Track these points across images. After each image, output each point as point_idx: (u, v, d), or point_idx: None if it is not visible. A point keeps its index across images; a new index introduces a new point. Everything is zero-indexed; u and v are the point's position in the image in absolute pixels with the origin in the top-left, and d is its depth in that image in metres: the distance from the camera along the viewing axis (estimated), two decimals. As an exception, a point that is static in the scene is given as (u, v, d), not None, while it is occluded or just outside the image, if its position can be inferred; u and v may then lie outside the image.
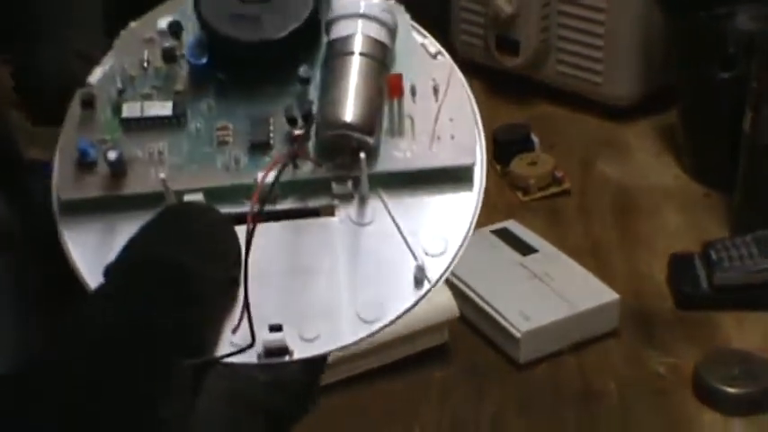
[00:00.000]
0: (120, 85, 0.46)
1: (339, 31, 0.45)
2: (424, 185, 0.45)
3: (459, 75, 0.46)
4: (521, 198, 0.99)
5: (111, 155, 0.44)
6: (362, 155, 0.44)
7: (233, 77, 0.46)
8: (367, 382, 0.77)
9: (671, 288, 0.86)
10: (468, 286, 0.82)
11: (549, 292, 0.82)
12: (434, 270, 0.44)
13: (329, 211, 0.45)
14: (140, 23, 0.47)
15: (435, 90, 0.46)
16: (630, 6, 1.06)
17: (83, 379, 0.36)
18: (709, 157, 0.99)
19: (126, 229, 0.42)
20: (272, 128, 0.45)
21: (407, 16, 0.47)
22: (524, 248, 0.87)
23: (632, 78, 1.09)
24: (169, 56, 0.46)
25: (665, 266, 0.88)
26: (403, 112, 0.45)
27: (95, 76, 0.46)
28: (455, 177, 0.45)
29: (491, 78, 1.16)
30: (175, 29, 0.46)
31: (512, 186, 1.00)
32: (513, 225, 0.90)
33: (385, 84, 0.45)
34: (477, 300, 0.81)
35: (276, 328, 0.42)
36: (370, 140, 0.44)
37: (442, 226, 0.45)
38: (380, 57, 0.45)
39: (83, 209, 0.45)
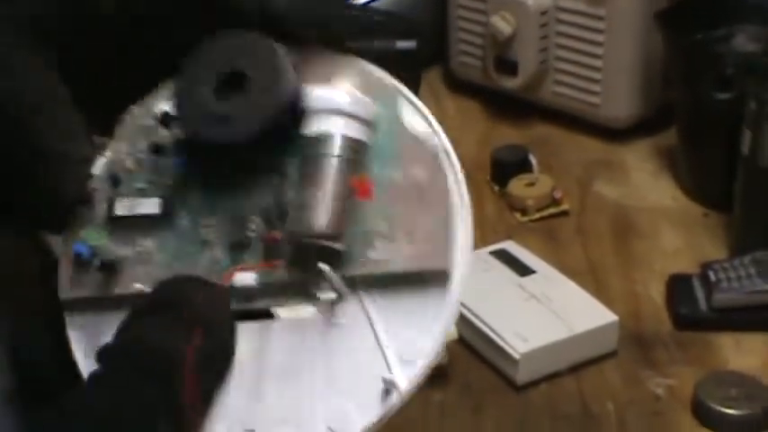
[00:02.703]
0: (116, 178, 0.48)
1: (314, 126, 0.45)
2: (401, 287, 0.45)
3: (448, 160, 0.46)
4: (519, 219, 0.99)
5: (97, 261, 0.46)
6: (325, 267, 0.44)
7: (213, 171, 0.47)
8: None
9: (669, 309, 0.86)
10: (467, 307, 0.82)
11: (547, 314, 0.82)
12: (405, 378, 0.44)
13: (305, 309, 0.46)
14: (139, 108, 0.49)
15: (416, 185, 0.45)
16: (629, 28, 1.06)
17: None
18: (707, 177, 0.99)
19: (116, 325, 0.44)
20: (252, 226, 0.46)
21: (400, 93, 0.47)
22: (522, 269, 0.87)
23: (630, 99, 1.09)
24: (157, 149, 0.48)
25: (663, 287, 0.88)
26: (381, 208, 0.45)
27: (98, 166, 0.48)
28: (431, 280, 0.45)
29: (489, 99, 1.16)
30: (166, 119, 0.48)
31: (510, 207, 1.00)
32: (511, 246, 0.90)
33: (356, 185, 0.45)
34: (475, 321, 0.81)
35: None
36: (339, 246, 0.45)
37: (416, 329, 0.45)
38: (355, 156, 0.45)
39: (79, 306, 0.47)
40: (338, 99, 0.45)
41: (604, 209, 1.00)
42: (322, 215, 0.44)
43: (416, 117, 0.47)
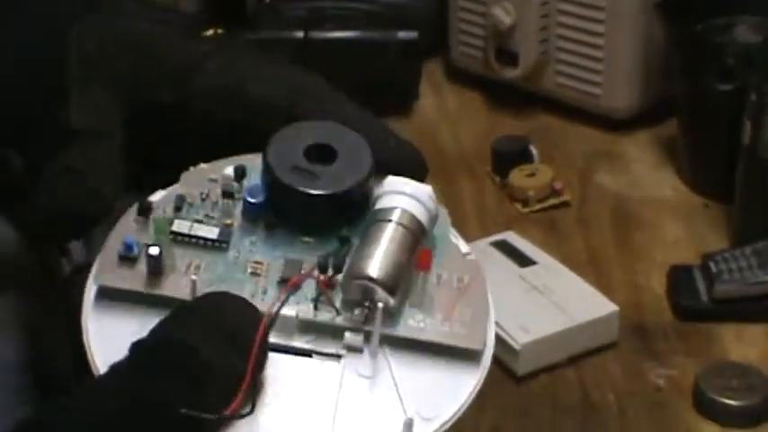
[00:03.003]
0: (176, 205, 0.49)
1: (383, 203, 0.49)
2: (431, 356, 0.48)
3: (483, 275, 0.51)
4: (519, 210, 0.99)
5: (153, 250, 0.47)
6: (380, 304, 0.47)
7: (282, 222, 0.50)
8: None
9: (670, 300, 0.86)
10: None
11: (547, 304, 0.82)
12: (422, 431, 0.46)
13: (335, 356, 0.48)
14: (209, 166, 0.51)
15: (459, 281, 0.50)
16: (629, 18, 1.06)
17: None
18: (708, 168, 0.99)
19: (145, 326, 0.45)
20: (303, 270, 0.48)
21: (448, 218, 0.51)
22: (523, 260, 0.87)
23: (631, 90, 1.08)
24: (228, 193, 0.50)
25: (664, 278, 0.88)
26: (427, 289, 0.49)
27: (156, 196, 0.50)
28: (461, 356, 0.49)
29: (490, 90, 1.16)
30: (240, 172, 0.50)
31: (510, 198, 1.00)
32: (511, 237, 0.90)
33: (415, 257, 0.48)
34: (475, 312, 0.81)
35: None
36: (392, 300, 0.47)
37: (439, 395, 0.47)
38: (415, 231, 0.49)
39: (112, 298, 0.48)
40: (405, 184, 0.50)
41: (605, 200, 1.00)
42: (379, 266, 0.47)
43: (459, 239, 0.52)
